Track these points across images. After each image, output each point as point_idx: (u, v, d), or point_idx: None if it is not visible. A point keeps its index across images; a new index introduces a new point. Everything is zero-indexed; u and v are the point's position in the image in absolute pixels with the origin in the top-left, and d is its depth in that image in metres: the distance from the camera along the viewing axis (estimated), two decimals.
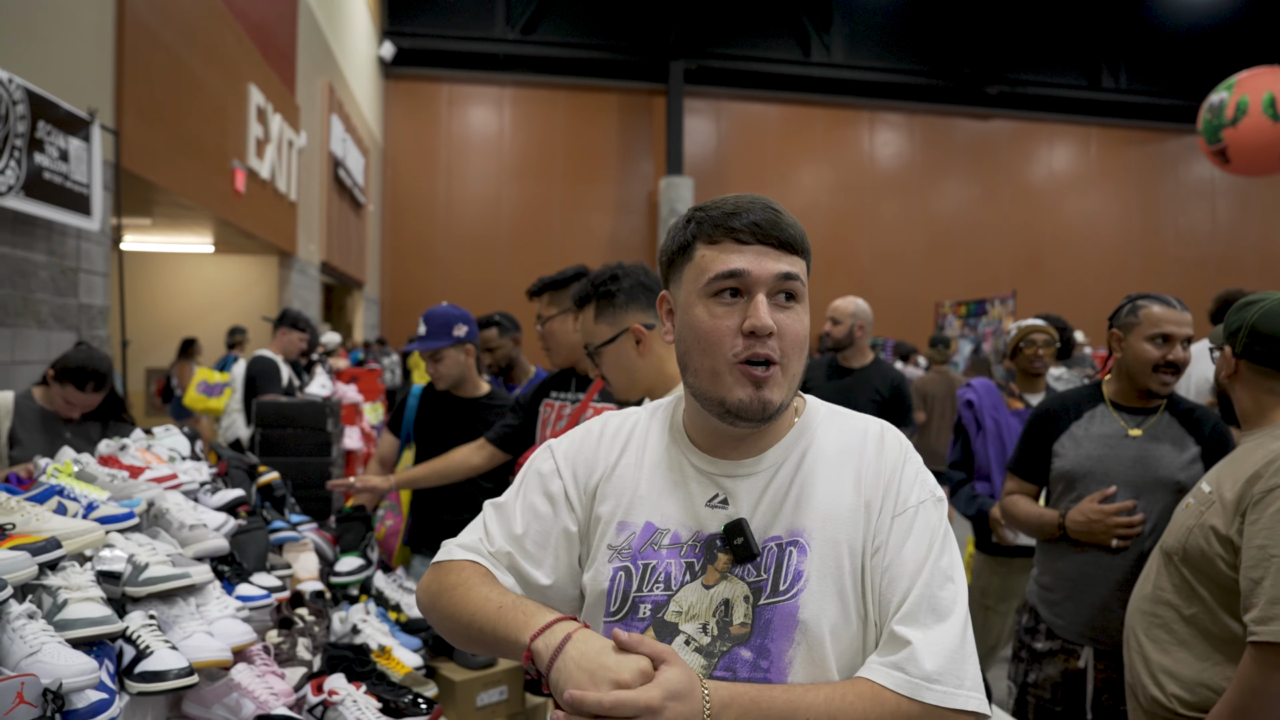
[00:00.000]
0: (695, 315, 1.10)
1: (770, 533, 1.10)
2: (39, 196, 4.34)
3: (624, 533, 1.15)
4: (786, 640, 1.05)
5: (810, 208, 17.49)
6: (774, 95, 17.43)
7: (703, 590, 1.09)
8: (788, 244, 1.10)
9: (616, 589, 1.12)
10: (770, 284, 1.08)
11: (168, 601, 1.71)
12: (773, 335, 1.06)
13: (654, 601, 1.10)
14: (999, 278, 16.70)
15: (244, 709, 1.71)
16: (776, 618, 1.06)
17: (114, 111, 5.38)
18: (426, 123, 16.55)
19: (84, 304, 5.13)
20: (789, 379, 1.10)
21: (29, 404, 2.89)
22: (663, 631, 1.08)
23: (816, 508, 1.10)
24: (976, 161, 18.03)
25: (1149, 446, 2.33)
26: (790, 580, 1.07)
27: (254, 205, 8.08)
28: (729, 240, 1.09)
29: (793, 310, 1.10)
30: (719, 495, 1.13)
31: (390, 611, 2.58)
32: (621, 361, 2.01)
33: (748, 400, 1.07)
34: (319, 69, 10.70)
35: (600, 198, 17.08)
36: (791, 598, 1.06)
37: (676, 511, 1.14)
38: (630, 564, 1.12)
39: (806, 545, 1.08)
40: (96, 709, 1.41)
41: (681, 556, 1.11)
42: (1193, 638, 1.85)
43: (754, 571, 1.08)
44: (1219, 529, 1.79)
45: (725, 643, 1.06)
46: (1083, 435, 2.42)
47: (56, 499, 1.82)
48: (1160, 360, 2.29)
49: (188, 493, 2.25)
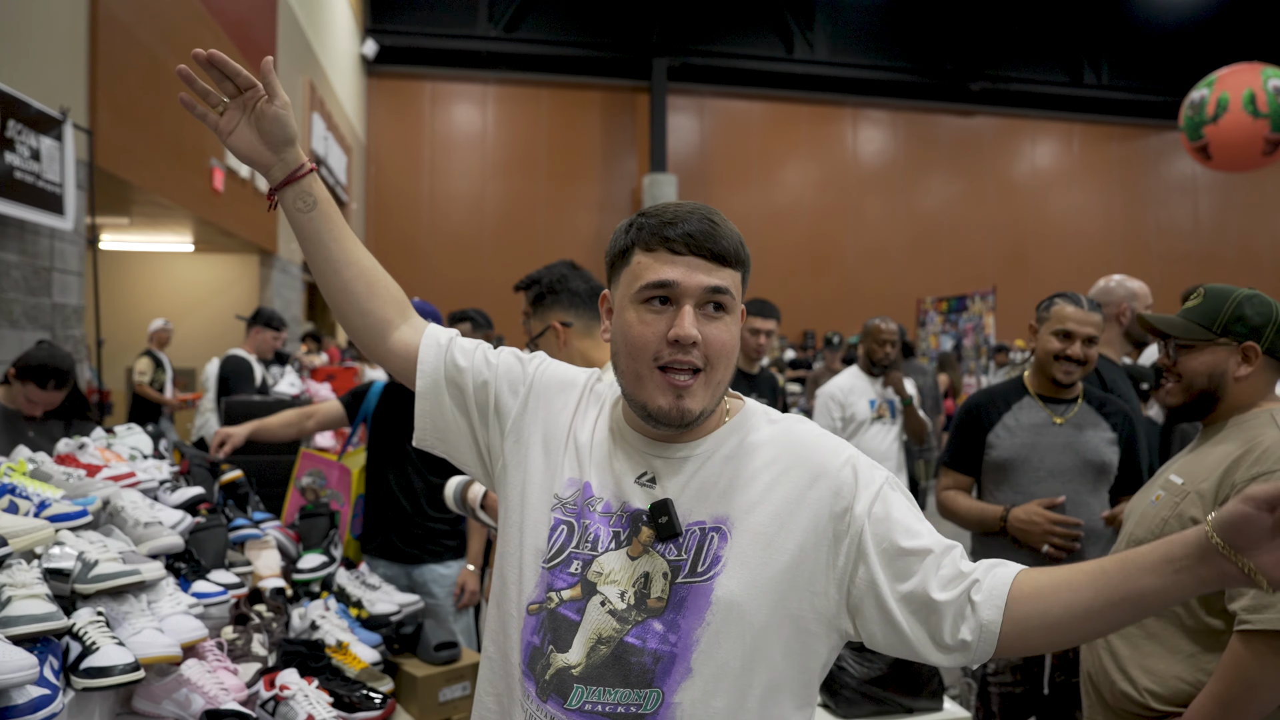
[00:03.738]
0: (626, 319, 1.15)
1: (694, 517, 1.15)
2: (10, 196, 4.34)
3: (571, 487, 1.21)
4: (697, 619, 1.10)
5: (794, 204, 17.55)
6: (757, 92, 17.46)
7: (627, 560, 1.14)
8: (721, 256, 1.13)
9: (556, 540, 1.18)
10: (699, 296, 1.12)
11: (118, 598, 1.73)
12: (697, 345, 1.11)
13: (583, 559, 1.16)
14: (983, 274, 16.78)
15: (194, 704, 1.73)
16: (690, 597, 1.10)
17: (88, 110, 5.36)
18: (410, 121, 16.52)
19: (58, 303, 5.12)
20: (712, 387, 1.14)
21: None
22: (586, 590, 1.14)
23: (742, 499, 1.15)
24: (960, 158, 18.11)
25: (1074, 433, 2.54)
26: (709, 563, 1.12)
27: (233, 204, 8.06)
28: (664, 250, 1.13)
29: (720, 321, 1.14)
30: (648, 474, 1.19)
31: (351, 608, 2.60)
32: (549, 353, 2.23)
33: (667, 408, 1.12)
34: (299, 67, 10.67)
35: (584, 195, 17.08)
36: (708, 580, 1.11)
37: (610, 481, 1.20)
38: (574, 520, 1.18)
39: (728, 533, 1.13)
40: (37, 705, 1.43)
41: (610, 525, 1.17)
42: (1165, 631, 1.83)
43: (675, 550, 1.13)
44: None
45: (640, 613, 1.11)
46: (1014, 425, 2.59)
47: (8, 498, 1.83)
48: (1060, 352, 2.50)
49: (147, 491, 2.27)
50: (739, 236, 1.17)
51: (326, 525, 2.80)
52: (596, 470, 1.21)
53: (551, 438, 1.25)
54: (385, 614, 2.67)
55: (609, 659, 1.10)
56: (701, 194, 17.09)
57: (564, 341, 2.28)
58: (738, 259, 1.15)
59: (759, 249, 16.98)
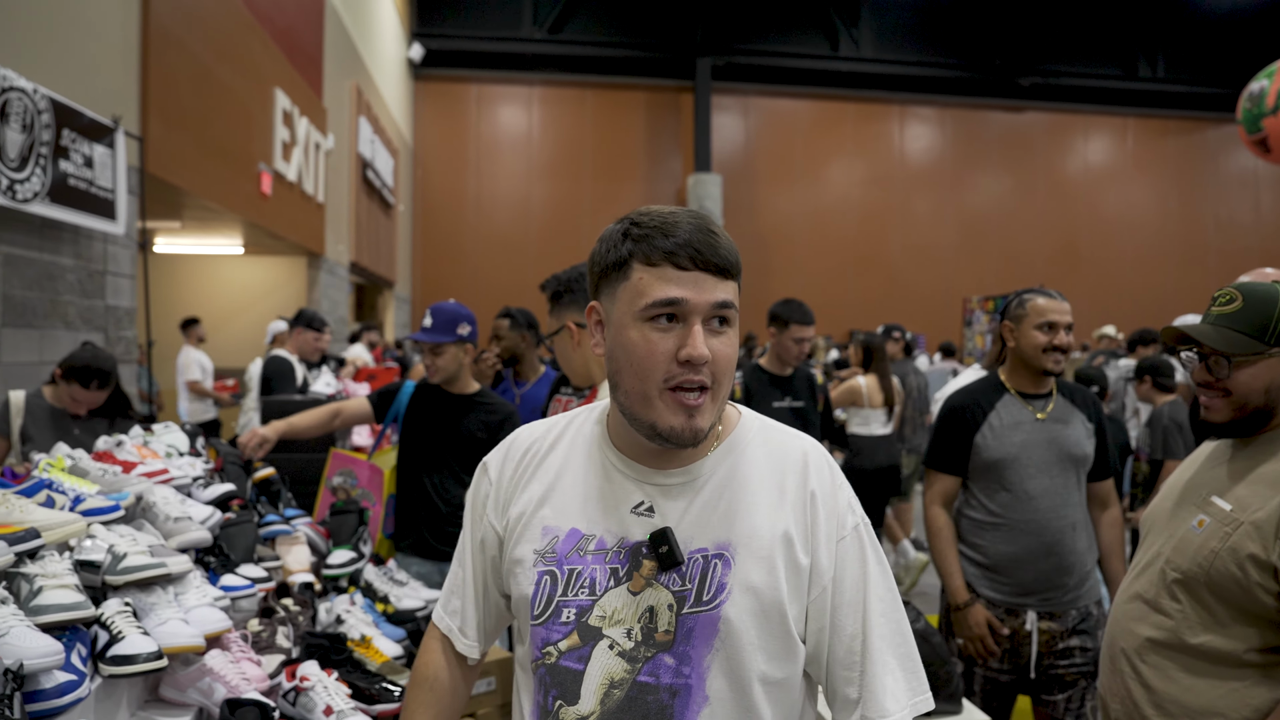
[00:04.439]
0: (629, 338, 1.10)
1: (696, 544, 1.12)
2: (64, 202, 4.50)
3: (548, 537, 1.17)
4: (706, 647, 1.09)
5: (840, 203, 17.41)
6: (802, 90, 17.36)
7: (629, 596, 1.11)
8: (724, 269, 1.09)
9: (541, 593, 1.14)
10: (707, 311, 1.09)
11: (145, 590, 1.80)
12: (707, 363, 1.08)
13: (578, 606, 1.13)
14: (1032, 272, 16.48)
15: (216, 693, 1.79)
16: (698, 626, 1.09)
17: (139, 118, 5.54)
18: (456, 123, 16.74)
19: (110, 305, 5.30)
20: (718, 403, 1.12)
21: (39, 402, 3.03)
22: (587, 636, 1.11)
23: (743, 523, 1.13)
24: (1009, 154, 17.81)
25: (1055, 427, 2.63)
26: (714, 591, 1.10)
27: (281, 207, 8.25)
28: (668, 265, 1.08)
29: (725, 335, 1.11)
30: (645, 503, 1.15)
31: (378, 603, 2.65)
32: (563, 352, 2.38)
33: (680, 428, 1.09)
34: (346, 72, 10.87)
35: (629, 196, 17.13)
36: (714, 608, 1.09)
37: (601, 517, 1.16)
38: (555, 569, 1.15)
39: (731, 559, 1.11)
40: (64, 689, 1.50)
41: (606, 562, 1.13)
42: (1205, 664, 1.69)
43: (679, 580, 1.11)
44: (1258, 555, 1.61)
45: (650, 649, 1.09)
46: (999, 425, 2.65)
47: (46, 492, 1.92)
48: (1048, 344, 2.58)
49: (180, 487, 2.35)
50: (735, 246, 1.14)
51: (356, 522, 2.87)
52: (583, 508, 1.17)
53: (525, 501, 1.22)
54: (411, 609, 2.73)
55: (624, 702, 1.08)
56: (746, 193, 17.05)
57: (577, 341, 2.31)
58: (738, 270, 1.12)
59: (804, 248, 17.02)
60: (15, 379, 4.24)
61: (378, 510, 3.54)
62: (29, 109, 4.16)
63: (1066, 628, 2.61)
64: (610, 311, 1.15)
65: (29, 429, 2.93)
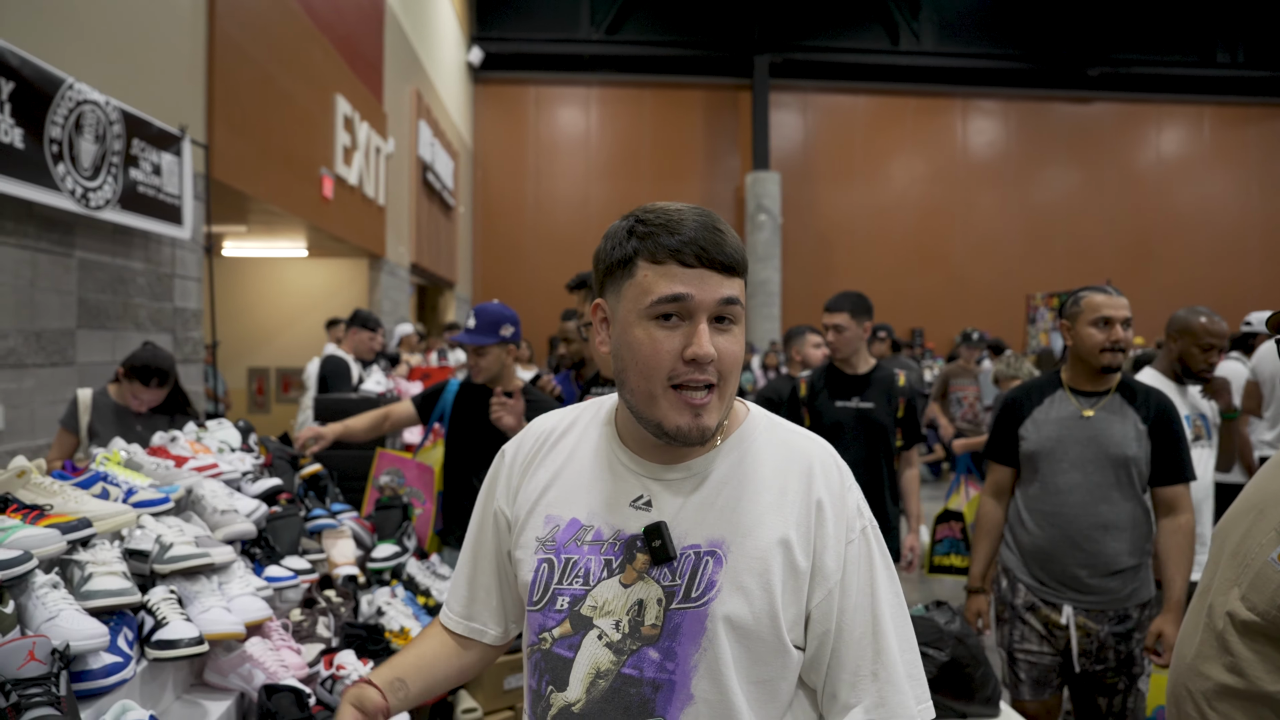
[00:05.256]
0: (635, 336, 1.10)
1: (689, 540, 1.12)
2: (134, 209, 4.71)
3: (549, 525, 1.19)
4: (693, 645, 1.08)
5: (901, 200, 17.15)
6: (862, 86, 17.15)
7: (620, 588, 1.12)
8: (730, 267, 1.09)
9: (539, 580, 1.16)
10: (712, 309, 1.08)
11: (191, 578, 1.88)
12: (712, 361, 1.07)
13: (572, 595, 1.14)
14: (1101, 268, 16.00)
15: (255, 678, 1.87)
16: (685, 622, 1.08)
17: (205, 126, 5.75)
18: (515, 125, 16.94)
19: (179, 308, 5.52)
20: (725, 401, 1.11)
21: (105, 399, 3.18)
22: (578, 624, 1.13)
23: (739, 522, 1.11)
24: (1077, 147, 17.31)
25: (1100, 425, 2.61)
26: (703, 588, 1.09)
27: (342, 210, 8.47)
28: (673, 262, 1.08)
29: (731, 333, 1.10)
30: (644, 496, 1.15)
31: (419, 596, 2.72)
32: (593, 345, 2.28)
33: (686, 427, 1.09)
34: (406, 77, 11.10)
35: (687, 195, 17.13)
36: (703, 605, 1.08)
37: (602, 509, 1.17)
38: (554, 557, 1.16)
39: (724, 556, 1.10)
40: (110, 670, 1.58)
41: (601, 553, 1.14)
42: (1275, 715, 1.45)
43: (669, 575, 1.10)
44: None
45: (635, 641, 1.10)
46: (1042, 419, 2.69)
47: (101, 484, 2.02)
48: (1105, 342, 2.56)
49: (230, 481, 2.45)
50: (741, 244, 1.13)
51: (400, 517, 2.95)
52: (585, 499, 1.18)
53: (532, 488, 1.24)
54: None
55: (608, 693, 1.09)
56: (806, 191, 16.92)
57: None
58: (744, 267, 1.11)
59: (864, 246, 16.82)
60: (90, 378, 4.44)
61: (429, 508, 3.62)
62: (101, 120, 4.35)
63: (1102, 627, 2.61)
64: (615, 309, 1.14)
65: (95, 425, 3.09)
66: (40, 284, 4.21)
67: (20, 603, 1.55)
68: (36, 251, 4.16)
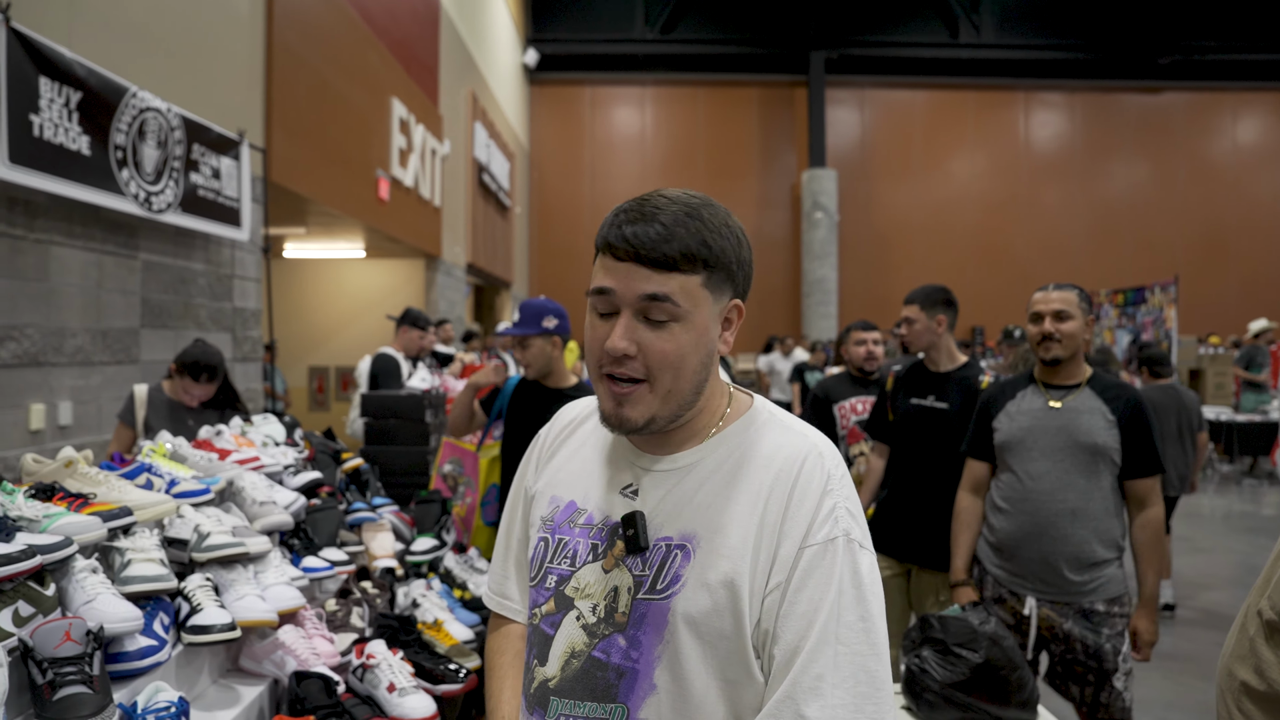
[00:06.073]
0: (586, 321, 1.13)
1: (664, 532, 1.11)
2: (194, 211, 4.87)
3: (552, 505, 1.22)
4: (657, 637, 1.07)
5: (961, 196, 16.84)
6: (920, 80, 16.89)
7: (601, 573, 1.13)
8: (664, 262, 1.05)
9: (537, 557, 1.20)
10: (635, 305, 1.06)
11: (227, 567, 1.95)
12: (633, 356, 1.06)
13: (559, 574, 1.16)
14: (1172, 263, 15.49)
15: (287, 665, 1.92)
16: (650, 614, 1.08)
17: (263, 130, 5.92)
18: (570, 125, 17.07)
19: (238, 308, 5.69)
20: (661, 396, 1.08)
21: (159, 395, 3.30)
22: (561, 604, 1.15)
23: (712, 518, 1.09)
24: (1146, 139, 16.78)
25: (1069, 416, 2.70)
26: (668, 581, 1.08)
27: (398, 211, 8.63)
28: (608, 254, 1.08)
29: (666, 330, 1.06)
30: (633, 485, 1.16)
31: (455, 589, 2.77)
32: None
33: (609, 414, 1.11)
34: (462, 79, 11.26)
35: (743, 193, 17.08)
36: (665, 598, 1.07)
37: (596, 494, 1.18)
38: (549, 536, 1.19)
39: (692, 551, 1.08)
40: (145, 653, 1.65)
41: (590, 537, 1.15)
42: None
43: (640, 565, 1.10)
44: None
45: (607, 627, 1.10)
46: (1015, 411, 2.80)
47: (145, 475, 2.10)
48: (1038, 335, 2.73)
49: (272, 474, 2.52)
50: (707, 234, 1.07)
51: (439, 511, 3.00)
52: (584, 483, 1.20)
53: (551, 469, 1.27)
54: None
55: (579, 672, 1.10)
56: (863, 188, 16.72)
57: None
58: (696, 260, 1.06)
59: (923, 243, 16.55)
60: (153, 376, 4.61)
61: (475, 498, 3.69)
62: (163, 127, 4.51)
63: (1065, 620, 2.68)
64: None
65: (151, 419, 3.20)
66: (106, 285, 4.38)
67: (61, 586, 1.62)
68: (103, 254, 4.34)
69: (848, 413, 3.95)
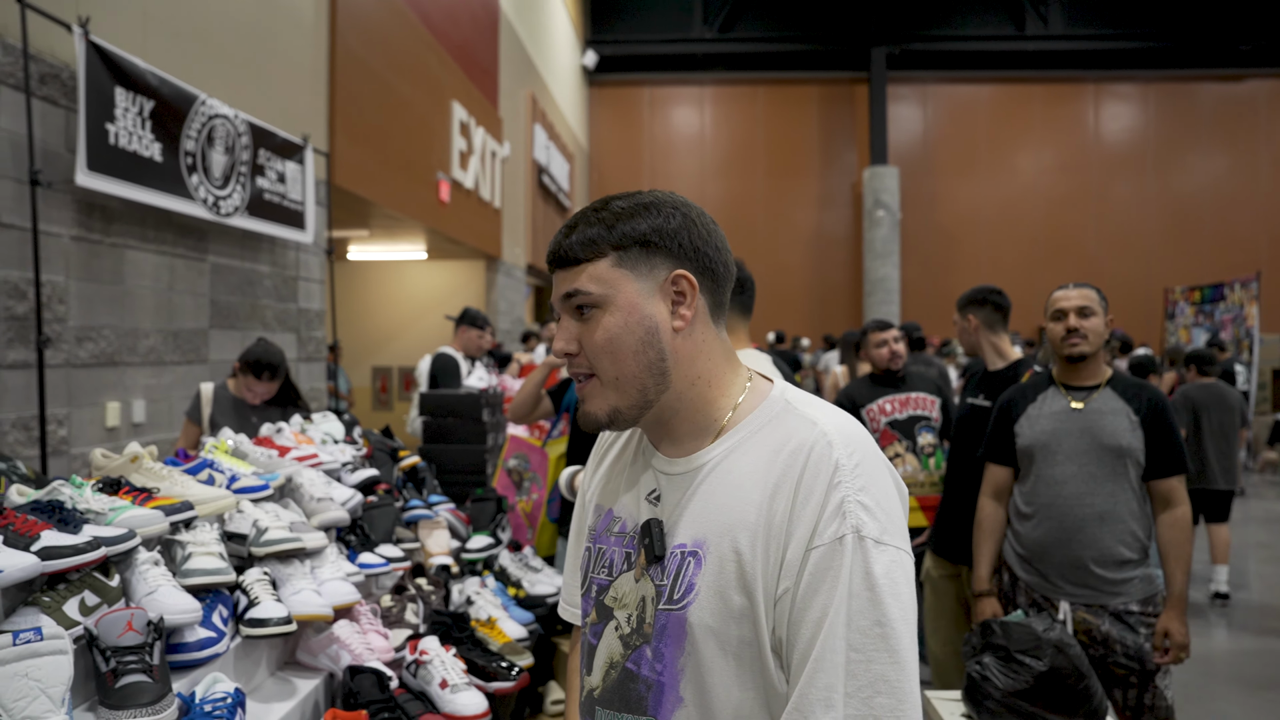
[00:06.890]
0: None
1: (678, 539, 1.07)
2: (260, 215, 5.00)
3: (596, 514, 1.21)
4: (678, 648, 1.04)
5: (1028, 192, 16.43)
6: (984, 75, 16.51)
7: (633, 582, 1.10)
8: (568, 260, 1.08)
9: (584, 567, 1.19)
10: (563, 306, 1.10)
11: (285, 562, 1.99)
12: (575, 354, 1.09)
13: (599, 584, 1.14)
14: (1253, 258, 14.87)
15: (342, 660, 1.95)
16: (670, 625, 1.04)
17: (327, 135, 6.05)
18: (630, 126, 17.10)
19: (303, 308, 5.82)
20: (611, 385, 1.07)
21: (224, 393, 3.39)
22: (602, 614, 1.13)
23: (719, 520, 1.04)
24: (1224, 129, 16.12)
25: (1092, 418, 2.66)
26: (683, 591, 1.04)
27: (459, 214, 8.74)
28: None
29: (590, 320, 1.07)
30: (656, 490, 1.12)
31: (510, 587, 2.78)
32: None
33: (579, 414, 1.13)
34: (521, 82, 11.36)
35: (803, 191, 16.92)
36: (681, 609, 1.03)
37: (628, 501, 1.16)
38: (592, 545, 1.18)
39: (703, 557, 1.03)
40: (204, 644, 1.68)
41: (624, 545, 1.13)
42: None
43: (660, 574, 1.07)
44: None
45: (638, 638, 1.08)
46: (1036, 414, 2.75)
47: (207, 471, 2.16)
48: (1062, 332, 2.69)
49: (330, 471, 2.56)
50: (612, 218, 1.07)
51: (494, 509, 3.02)
52: (620, 491, 1.19)
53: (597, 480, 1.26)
54: (543, 595, 2.84)
55: (616, 683, 1.09)
56: (926, 185, 16.42)
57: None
58: (597, 245, 1.06)
59: (989, 240, 16.19)
60: (221, 376, 4.74)
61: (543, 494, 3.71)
62: (230, 133, 4.64)
63: (1102, 621, 2.62)
64: None
65: (216, 417, 3.29)
66: (177, 287, 4.52)
67: (125, 577, 1.67)
68: (174, 257, 4.47)
69: (876, 415, 3.86)
